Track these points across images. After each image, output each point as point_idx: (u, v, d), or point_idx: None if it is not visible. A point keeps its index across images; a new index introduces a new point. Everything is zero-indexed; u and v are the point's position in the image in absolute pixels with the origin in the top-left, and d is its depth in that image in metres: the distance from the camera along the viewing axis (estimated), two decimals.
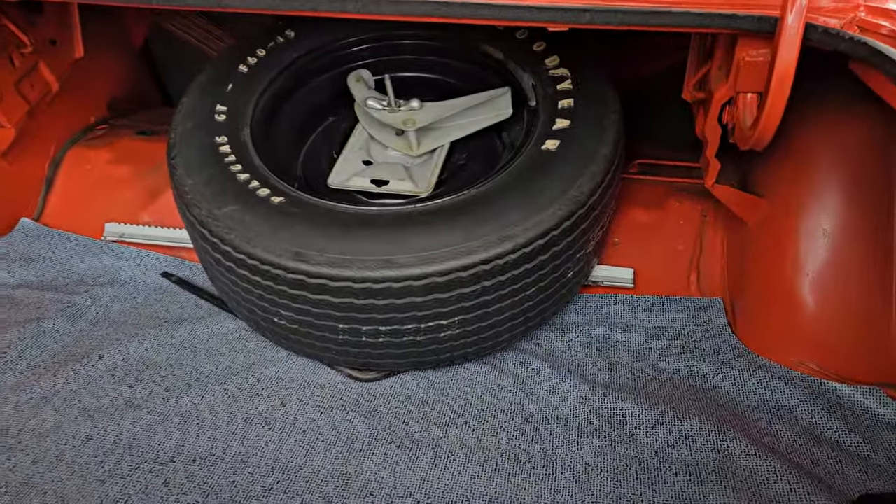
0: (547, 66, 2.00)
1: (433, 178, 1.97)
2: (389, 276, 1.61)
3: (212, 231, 1.73)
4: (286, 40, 2.17)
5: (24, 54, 2.22)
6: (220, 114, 1.97)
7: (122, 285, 2.26)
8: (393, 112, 2.00)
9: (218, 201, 1.75)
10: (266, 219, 1.70)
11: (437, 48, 2.20)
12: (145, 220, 2.43)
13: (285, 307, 1.73)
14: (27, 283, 2.23)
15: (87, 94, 2.69)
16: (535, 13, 1.42)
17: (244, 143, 1.92)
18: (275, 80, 2.11)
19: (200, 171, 1.82)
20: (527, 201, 1.69)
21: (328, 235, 1.65)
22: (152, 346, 2.00)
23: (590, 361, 1.96)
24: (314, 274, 1.63)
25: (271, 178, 1.82)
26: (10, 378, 1.87)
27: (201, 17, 2.94)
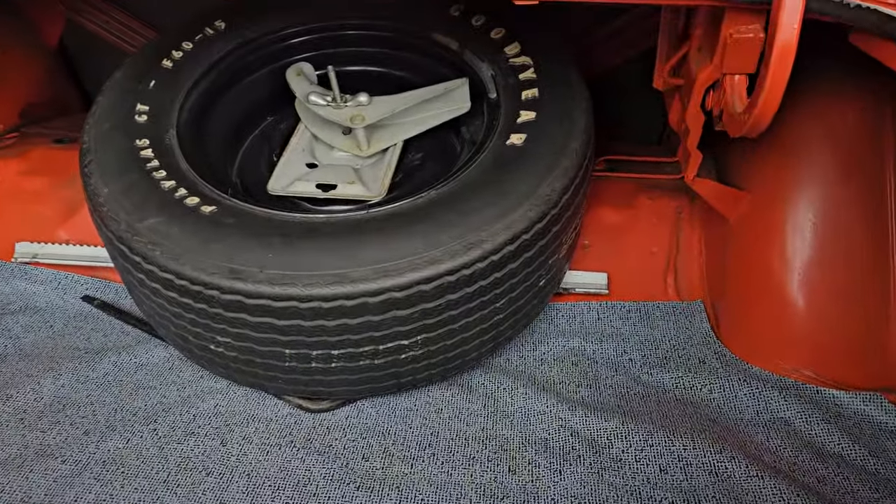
0: (507, 55, 1.81)
1: (386, 180, 1.77)
2: (341, 293, 1.40)
3: (132, 248, 1.49)
4: (216, 32, 1.94)
5: None
6: (140, 114, 1.73)
7: (37, 312, 1.99)
8: (339, 108, 1.79)
9: (139, 213, 1.52)
10: (195, 232, 1.47)
11: (384, 38, 2.00)
12: (63, 238, 2.16)
13: (222, 332, 1.51)
14: None
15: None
16: None
17: (169, 146, 1.68)
18: (204, 76, 1.88)
19: (118, 179, 1.59)
20: (493, 203, 1.50)
21: (268, 248, 1.44)
22: (70, 381, 1.75)
23: (566, 377, 1.78)
24: (253, 294, 1.41)
25: (200, 184, 1.59)
26: None
27: (117, 8, 2.67)
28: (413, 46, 1.98)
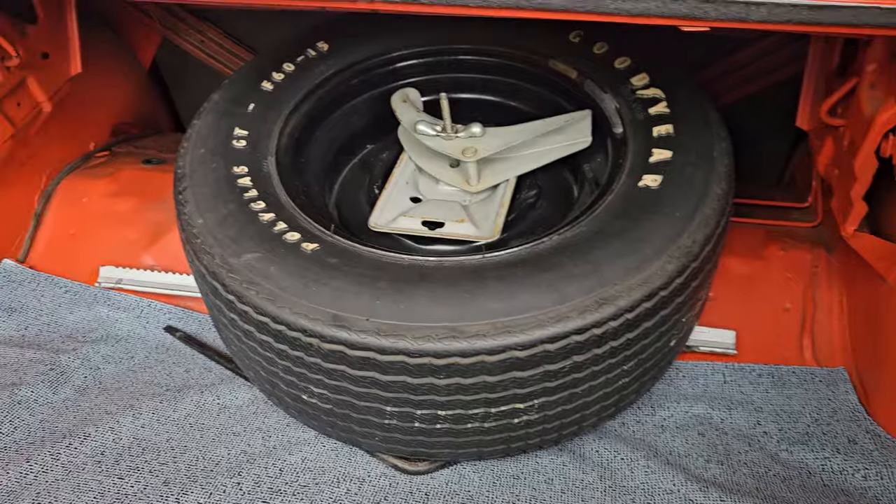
0: (634, 86, 1.64)
1: (499, 219, 1.61)
2: (455, 349, 1.24)
3: (226, 285, 1.36)
4: (318, 53, 1.83)
5: (10, 68, 1.88)
6: (239, 139, 1.62)
7: (118, 342, 1.89)
8: (449, 139, 1.64)
9: (235, 247, 1.39)
10: (295, 272, 1.34)
11: (497, 65, 1.86)
12: (148, 264, 2.07)
13: (318, 383, 1.36)
14: (5, 338, 1.87)
15: (88, 117, 2.35)
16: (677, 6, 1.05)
17: (267, 174, 1.57)
18: (305, 100, 1.76)
19: (214, 209, 1.47)
20: (627, 253, 1.33)
21: (375, 294, 1.29)
22: (150, 422, 1.63)
23: (692, 449, 1.57)
24: (358, 345, 1.26)
25: (300, 218, 1.46)
26: None
27: (213, 28, 2.61)
28: (528, 74, 1.83)
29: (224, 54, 2.62)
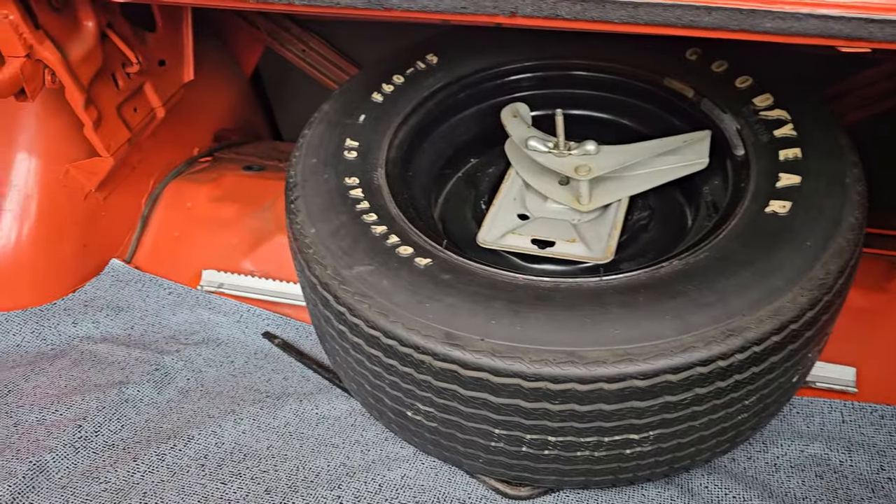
0: (757, 107, 1.57)
1: (612, 241, 1.56)
2: (573, 374, 1.20)
3: (338, 297, 1.36)
4: (427, 66, 1.82)
5: (130, 75, 1.93)
6: (350, 150, 1.62)
7: (218, 345, 1.92)
8: (561, 156, 1.61)
9: (347, 259, 1.39)
10: (409, 287, 1.32)
11: (609, 81, 1.81)
12: (247, 269, 2.10)
13: (425, 401, 1.34)
14: (113, 336, 1.92)
15: (193, 123, 2.41)
16: (840, 26, 0.99)
17: (378, 186, 1.56)
18: (414, 113, 1.75)
19: (326, 220, 1.47)
20: (756, 283, 1.26)
21: (491, 314, 1.26)
22: (251, 428, 1.64)
23: (810, 492, 1.48)
24: (471, 365, 1.23)
25: (411, 231, 1.45)
26: (82, 459, 1.53)
27: (316, 38, 2.64)
28: (640, 92, 1.78)
29: (325, 64, 2.64)
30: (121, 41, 1.84)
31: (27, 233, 1.97)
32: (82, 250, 2.06)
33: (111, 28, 1.82)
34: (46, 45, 1.63)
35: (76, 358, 1.83)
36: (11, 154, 1.94)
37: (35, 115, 1.95)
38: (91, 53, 1.76)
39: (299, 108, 2.93)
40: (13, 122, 1.94)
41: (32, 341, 1.89)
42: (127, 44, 1.86)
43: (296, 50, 2.66)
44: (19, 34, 1.57)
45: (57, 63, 1.66)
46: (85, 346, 1.88)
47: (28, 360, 1.83)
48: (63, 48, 1.68)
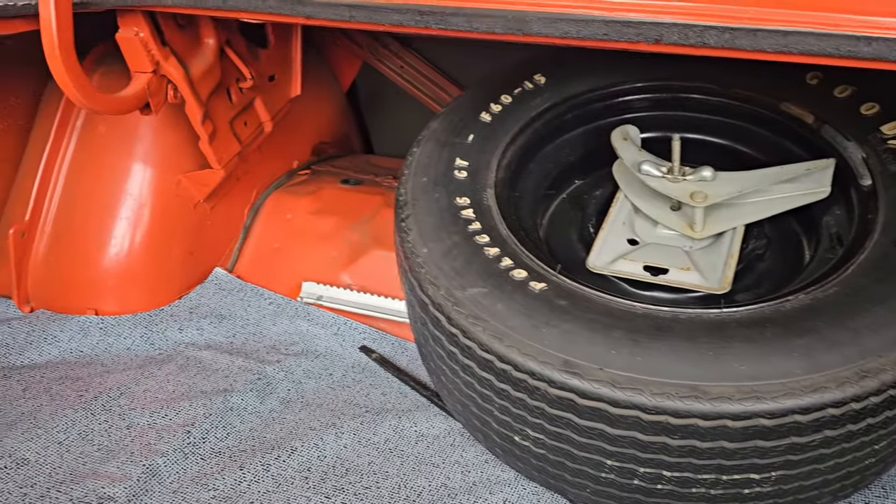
0: (885, 136, 1.51)
1: (729, 271, 1.51)
2: (696, 410, 1.16)
3: (451, 318, 1.35)
4: (535, 86, 1.81)
5: (243, 90, 1.99)
6: (460, 170, 1.62)
7: (317, 357, 1.94)
8: (676, 182, 1.57)
9: (460, 280, 1.39)
10: (524, 311, 1.31)
11: (723, 105, 1.76)
12: (345, 282, 2.12)
13: (536, 427, 1.32)
14: (216, 344, 1.97)
15: (293, 136, 2.46)
16: None
17: (488, 207, 1.55)
18: (521, 133, 1.74)
19: (438, 240, 1.47)
20: (893, 322, 1.20)
21: (610, 343, 1.23)
22: (352, 443, 1.65)
23: None
24: (589, 394, 1.21)
25: (523, 254, 1.44)
26: (191, 465, 1.57)
27: (415, 55, 2.67)
28: (757, 117, 1.73)
29: (422, 80, 2.67)
30: (237, 57, 1.90)
31: (139, 240, 2.05)
32: (189, 258, 2.12)
33: (229, 45, 1.88)
34: (171, 62, 1.69)
35: (182, 364, 1.89)
36: (128, 164, 2.02)
37: (151, 126, 2.03)
38: (210, 69, 1.82)
39: (391, 122, 2.97)
40: (130, 134, 2.02)
41: (141, 345, 1.96)
42: (242, 60, 1.92)
43: (393, 66, 2.70)
44: (148, 51, 1.63)
45: (180, 78, 1.72)
46: (190, 352, 1.93)
47: (138, 364, 1.89)
48: (186, 64, 1.74)
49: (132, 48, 1.62)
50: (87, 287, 2.03)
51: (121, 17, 1.60)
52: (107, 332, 1.97)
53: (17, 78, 2.14)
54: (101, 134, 2.01)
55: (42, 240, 2.03)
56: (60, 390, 1.77)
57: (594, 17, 1.04)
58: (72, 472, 1.52)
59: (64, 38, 1.42)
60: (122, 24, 1.61)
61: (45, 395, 1.75)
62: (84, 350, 1.93)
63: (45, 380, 1.80)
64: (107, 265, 2.03)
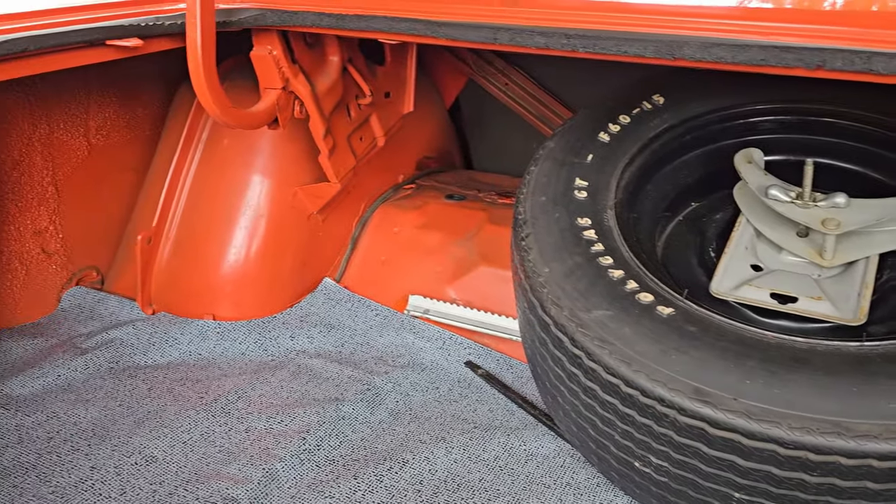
0: None
1: (864, 301, 1.45)
2: (839, 447, 1.12)
3: (575, 340, 1.35)
4: (654, 106, 1.79)
5: (361, 106, 2.05)
6: (580, 190, 1.62)
7: (423, 370, 1.97)
8: (806, 208, 1.52)
9: (584, 302, 1.38)
10: (653, 336, 1.29)
11: (851, 129, 1.71)
12: (450, 297, 2.14)
13: (660, 455, 1.30)
14: (325, 352, 2.02)
15: (400, 151, 2.51)
16: None
17: (608, 228, 1.54)
18: (639, 154, 1.73)
19: (560, 260, 1.47)
20: None
21: (744, 373, 1.20)
22: (462, 458, 1.66)
23: None
24: (722, 424, 1.18)
25: (647, 278, 1.42)
26: (307, 471, 1.61)
27: (521, 74, 2.68)
28: (887, 141, 1.66)
29: (527, 98, 2.68)
30: (358, 75, 1.95)
31: (256, 249, 2.12)
32: (301, 268, 2.18)
33: (351, 63, 1.93)
34: (300, 79, 1.75)
35: (294, 371, 1.94)
36: (248, 176, 2.10)
37: (270, 140, 2.10)
38: (334, 86, 1.87)
39: (490, 138, 2.99)
40: (251, 147, 2.10)
41: (255, 351, 2.02)
42: (362, 77, 1.97)
43: (498, 83, 2.71)
44: (279, 68, 1.70)
45: (307, 95, 1.78)
46: (301, 359, 1.98)
47: (252, 369, 1.95)
48: (313, 81, 1.80)
49: (265, 65, 1.69)
50: (205, 292, 2.11)
51: (256, 36, 1.67)
52: (223, 337, 2.05)
53: (145, 91, 2.27)
54: (225, 147, 2.10)
55: (166, 246, 2.13)
56: (182, 391, 1.84)
57: (751, 42, 1.02)
58: (196, 471, 1.58)
59: (207, 57, 1.49)
60: (256, 42, 1.68)
61: (168, 395, 1.83)
62: (202, 353, 2.00)
63: (167, 380, 1.88)
64: (225, 272, 2.11)
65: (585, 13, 1.19)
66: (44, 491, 1.49)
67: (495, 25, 1.22)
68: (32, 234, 2.10)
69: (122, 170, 2.28)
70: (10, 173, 2.03)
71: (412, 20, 1.29)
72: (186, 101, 2.18)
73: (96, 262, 2.28)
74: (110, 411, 1.75)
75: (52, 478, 1.53)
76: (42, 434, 1.66)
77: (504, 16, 1.24)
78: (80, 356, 1.94)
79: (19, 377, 1.84)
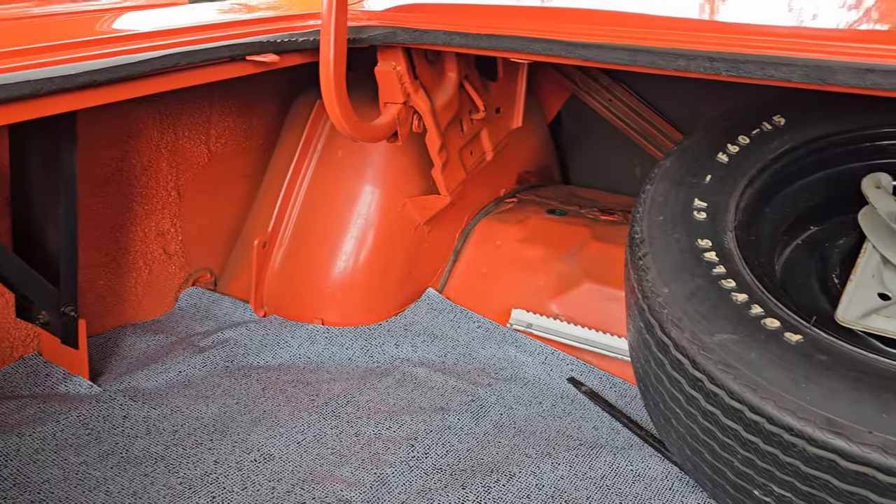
0: None
1: None
2: None
3: (696, 362, 1.33)
4: (774, 127, 1.76)
5: (474, 121, 2.08)
6: (699, 211, 1.60)
7: (526, 384, 1.98)
8: None
9: (707, 325, 1.36)
10: (781, 363, 1.27)
11: None
12: (553, 312, 2.15)
13: (784, 485, 1.27)
14: (429, 362, 2.06)
15: (503, 165, 2.53)
16: None
17: (729, 251, 1.52)
18: (758, 175, 1.70)
19: (681, 281, 1.46)
20: None
21: (882, 406, 1.17)
22: (567, 474, 1.66)
23: None
24: (855, 458, 1.15)
25: (773, 304, 1.39)
26: (416, 478, 1.64)
27: (627, 91, 2.67)
28: None
29: (631, 115, 2.66)
30: (473, 90, 1.99)
31: (364, 257, 2.18)
32: (406, 278, 2.23)
33: (467, 79, 1.97)
34: (420, 94, 1.80)
35: (399, 378, 1.98)
36: (360, 186, 2.16)
37: (382, 153, 2.16)
38: (451, 101, 1.92)
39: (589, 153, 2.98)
40: (364, 159, 2.17)
41: (361, 357, 2.07)
42: (477, 93, 2.01)
43: (602, 100, 2.71)
44: (402, 83, 1.75)
45: (426, 110, 1.83)
46: (406, 367, 2.03)
47: (359, 375, 2.00)
48: (432, 96, 1.85)
49: (389, 81, 1.74)
50: (315, 297, 2.19)
51: (381, 53, 1.73)
52: (331, 342, 2.11)
53: (261, 103, 2.37)
54: (339, 158, 2.17)
55: (279, 251, 2.22)
56: (294, 393, 1.91)
57: None
58: (311, 471, 1.64)
59: (338, 73, 1.55)
60: (381, 58, 1.74)
61: (281, 395, 1.89)
62: (311, 356, 2.07)
63: (279, 381, 1.95)
64: (334, 279, 2.18)
65: (723, 36, 1.18)
66: (173, 481, 1.57)
67: (634, 47, 1.23)
68: (156, 235, 2.22)
69: (236, 177, 2.39)
70: (139, 178, 2.15)
71: (548, 41, 1.31)
72: (302, 114, 2.26)
73: (210, 264, 2.39)
74: (229, 409, 1.83)
75: (179, 469, 1.61)
76: (167, 427, 1.75)
77: (639, 37, 1.24)
78: (198, 354, 2.03)
79: (144, 371, 1.95)
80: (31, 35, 1.66)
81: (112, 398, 1.82)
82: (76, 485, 1.55)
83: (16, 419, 1.72)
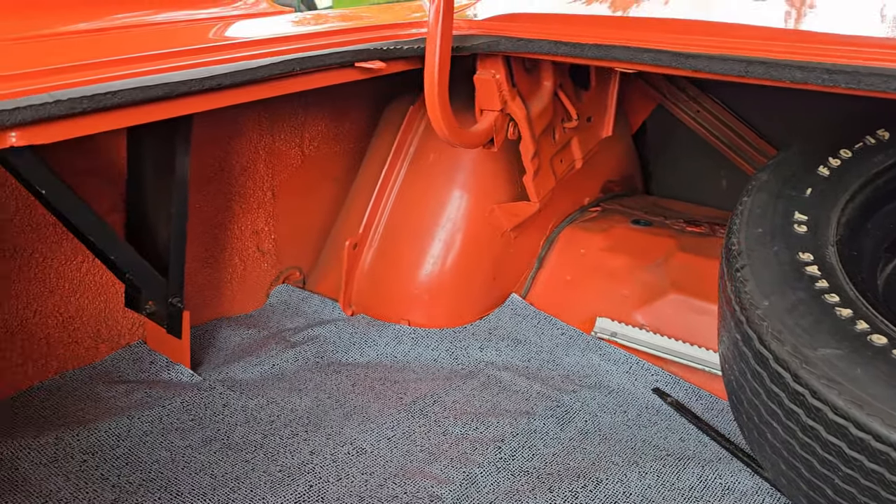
0: None
1: None
2: None
3: (798, 376, 1.32)
4: (878, 141, 1.73)
5: (566, 129, 2.11)
6: (799, 224, 1.58)
7: (610, 393, 1.98)
8: None
9: (809, 338, 1.35)
10: (889, 380, 1.25)
11: None
12: (638, 322, 2.15)
13: None
14: (513, 366, 2.08)
15: (589, 174, 2.54)
16: None
17: (831, 265, 1.50)
18: (861, 190, 1.67)
19: (781, 294, 1.44)
20: None
21: None
22: (655, 484, 1.66)
23: None
24: None
25: (879, 320, 1.37)
26: (504, 480, 1.67)
27: (714, 101, 2.65)
28: None
29: (718, 126, 2.64)
30: (567, 99, 2.01)
31: (451, 261, 2.22)
32: (491, 282, 2.27)
33: (560, 87, 2.00)
34: (517, 102, 1.84)
35: (484, 381, 2.01)
36: (450, 191, 2.21)
37: (472, 158, 2.20)
38: (545, 109, 1.95)
39: (674, 164, 2.96)
40: (455, 164, 2.21)
41: (446, 359, 2.11)
42: (570, 102, 2.03)
43: (689, 110, 2.69)
44: (500, 91, 1.78)
45: (522, 118, 1.86)
46: (490, 371, 2.05)
47: (444, 376, 2.04)
48: (528, 104, 1.88)
49: (487, 88, 1.78)
50: (402, 299, 2.24)
51: (481, 61, 1.77)
52: (417, 343, 2.16)
53: (352, 108, 2.44)
54: (430, 163, 2.22)
55: (369, 252, 2.28)
56: (383, 390, 1.96)
57: None
58: (402, 467, 1.68)
59: (442, 81, 1.59)
60: (481, 66, 1.78)
61: (370, 392, 1.95)
62: (397, 356, 2.12)
63: (368, 379, 2.01)
64: (421, 281, 2.23)
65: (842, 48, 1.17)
66: (272, 469, 1.64)
67: (747, 58, 1.23)
68: (251, 233, 2.31)
69: (327, 179, 2.47)
70: (238, 178, 2.24)
71: (657, 51, 1.33)
72: (395, 119, 2.32)
73: (299, 262, 2.47)
74: (321, 402, 1.89)
75: (277, 457, 1.68)
76: (264, 416, 1.82)
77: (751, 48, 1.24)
78: (290, 349, 2.11)
79: (240, 363, 2.03)
80: (150, 41, 1.76)
81: (212, 387, 1.91)
82: (183, 467, 1.63)
83: (125, 403, 1.82)
